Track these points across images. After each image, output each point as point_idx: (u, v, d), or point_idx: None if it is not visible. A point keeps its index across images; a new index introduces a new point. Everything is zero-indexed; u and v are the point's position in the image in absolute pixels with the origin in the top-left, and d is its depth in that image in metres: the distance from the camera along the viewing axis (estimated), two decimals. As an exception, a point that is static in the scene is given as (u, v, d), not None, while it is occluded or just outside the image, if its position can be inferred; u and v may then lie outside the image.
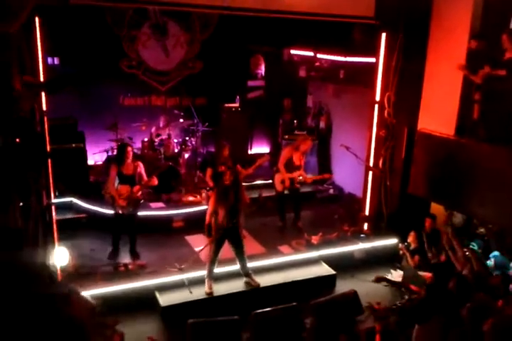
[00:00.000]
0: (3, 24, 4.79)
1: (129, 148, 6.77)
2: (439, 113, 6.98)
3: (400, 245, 7.07)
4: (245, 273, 6.36)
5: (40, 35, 6.17)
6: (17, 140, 4.66)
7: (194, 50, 10.33)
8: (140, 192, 6.82)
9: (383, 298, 6.30)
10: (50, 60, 8.82)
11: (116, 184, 6.72)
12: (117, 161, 6.80)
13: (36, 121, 5.87)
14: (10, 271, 0.85)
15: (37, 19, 6.08)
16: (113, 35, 9.50)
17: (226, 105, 10.32)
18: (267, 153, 10.51)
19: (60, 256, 6.04)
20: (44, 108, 6.20)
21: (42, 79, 6.21)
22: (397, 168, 7.48)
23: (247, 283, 6.37)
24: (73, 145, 8.39)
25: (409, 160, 7.33)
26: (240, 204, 6.09)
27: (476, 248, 6.72)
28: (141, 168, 6.78)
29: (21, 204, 5.42)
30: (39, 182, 5.84)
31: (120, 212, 6.70)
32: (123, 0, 6.65)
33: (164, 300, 5.96)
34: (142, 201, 7.02)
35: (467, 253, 5.91)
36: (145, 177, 6.78)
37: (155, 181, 6.82)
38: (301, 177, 7.95)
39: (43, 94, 6.23)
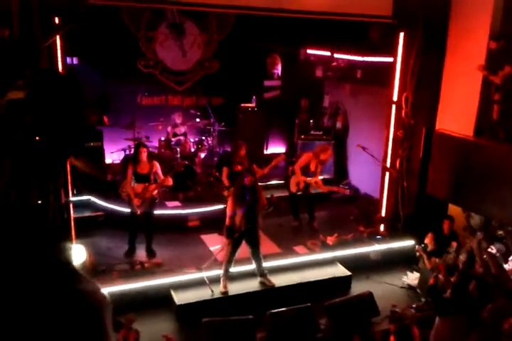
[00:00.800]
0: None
1: (143, 148, 6.82)
2: (457, 113, 6.89)
3: (417, 247, 7.00)
4: (260, 273, 6.36)
5: (60, 35, 6.25)
6: (36, 138, 4.73)
7: (211, 50, 10.38)
8: (156, 191, 6.86)
9: (399, 300, 6.26)
10: (69, 59, 8.93)
11: (132, 183, 6.78)
12: (133, 160, 6.87)
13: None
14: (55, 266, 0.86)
15: (56, 19, 6.17)
16: (130, 35, 9.59)
17: (242, 105, 10.33)
18: (283, 153, 10.50)
19: (77, 254, 6.11)
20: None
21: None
22: (415, 168, 7.41)
23: (261, 282, 6.37)
24: (91, 143, 8.49)
25: (427, 161, 7.25)
26: (257, 205, 6.08)
27: (494, 251, 6.63)
28: (157, 167, 6.83)
29: (40, 201, 5.52)
30: (58, 180, 5.92)
31: (136, 210, 6.76)
32: (140, 0, 6.70)
33: (179, 298, 6.00)
34: (158, 200, 7.06)
35: (485, 256, 5.83)
36: (161, 177, 6.83)
37: (170, 181, 6.87)
38: (315, 183, 7.93)
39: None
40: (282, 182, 9.44)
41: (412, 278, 6.80)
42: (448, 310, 4.29)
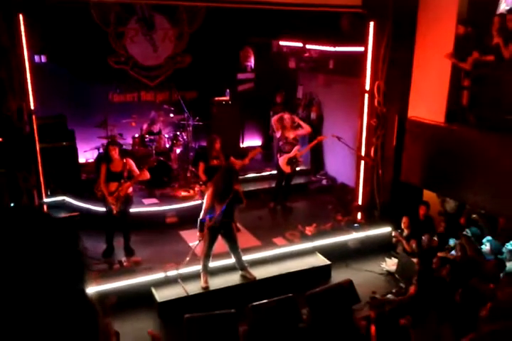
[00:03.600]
0: None
1: (113, 147, 6.74)
2: (428, 100, 6.98)
3: (394, 233, 7.11)
4: (241, 266, 6.37)
5: (25, 32, 6.12)
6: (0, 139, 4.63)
7: (182, 44, 10.27)
8: (131, 189, 6.79)
9: (378, 287, 6.34)
10: (37, 57, 8.74)
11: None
12: (105, 159, 6.79)
13: (24, 120, 5.84)
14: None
15: (21, 16, 6.03)
16: (100, 31, 9.42)
17: (216, 99, 10.28)
18: (259, 146, 10.51)
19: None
20: (32, 107, 6.17)
21: (29, 78, 6.16)
22: (389, 156, 7.49)
23: (243, 276, 6.38)
24: (64, 143, 8.34)
25: (401, 148, 7.34)
26: (235, 199, 6.04)
27: (469, 234, 6.76)
28: (130, 164, 6.75)
29: (12, 204, 5.41)
30: (29, 181, 5.81)
31: (112, 209, 6.68)
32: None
33: (161, 295, 5.97)
34: (132, 197, 6.97)
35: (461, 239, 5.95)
36: (137, 172, 6.76)
37: (146, 175, 6.81)
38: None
39: (30, 92, 6.20)
40: (262, 174, 9.54)
41: (391, 264, 6.91)
42: (419, 316, 4.29)
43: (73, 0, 6.38)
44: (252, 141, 11.30)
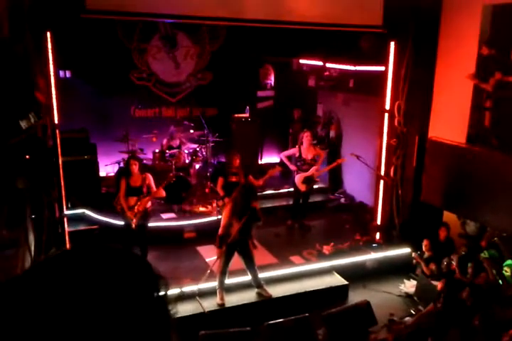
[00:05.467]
0: None
1: (133, 161, 6.78)
2: (450, 121, 6.94)
3: (414, 254, 7.00)
4: (257, 284, 6.33)
5: (52, 48, 6.27)
6: (27, 156, 4.72)
7: (204, 62, 10.43)
8: (149, 204, 6.84)
9: (396, 309, 6.24)
10: (61, 73, 8.95)
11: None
12: (125, 174, 6.85)
13: (48, 135, 5.95)
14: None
15: (48, 33, 6.18)
16: (123, 48, 9.63)
17: (236, 115, 10.36)
18: (278, 164, 10.51)
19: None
20: (56, 121, 6.29)
21: (54, 93, 6.28)
22: (409, 176, 7.43)
23: (259, 293, 6.34)
24: (85, 156, 8.47)
25: (421, 168, 7.28)
26: (253, 217, 6.04)
27: (488, 256, 6.62)
28: (149, 179, 6.80)
29: (34, 216, 5.49)
30: (52, 195, 5.90)
31: (130, 223, 6.72)
32: (133, 14, 6.74)
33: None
34: (151, 212, 7.01)
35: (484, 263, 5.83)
36: (154, 189, 6.81)
37: (162, 193, 6.84)
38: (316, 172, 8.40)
39: (55, 107, 6.33)
40: (280, 191, 9.54)
41: (409, 285, 6.79)
42: (440, 332, 4.22)
43: (102, 17, 6.52)
44: (270, 157, 11.32)
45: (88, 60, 9.06)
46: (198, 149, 9.68)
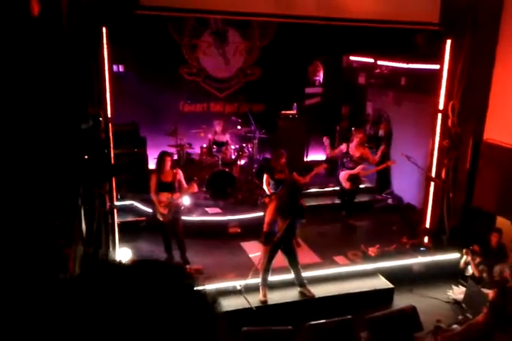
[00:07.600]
0: None
1: (167, 157, 6.78)
2: (507, 123, 6.66)
3: (464, 250, 6.72)
4: (300, 282, 6.30)
5: (107, 44, 6.41)
6: (85, 157, 4.86)
7: (253, 58, 10.43)
8: (180, 199, 6.82)
9: (443, 316, 6.05)
10: (115, 67, 9.15)
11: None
12: (157, 169, 6.85)
13: (101, 128, 6.10)
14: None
15: (104, 29, 6.33)
16: (174, 43, 9.75)
17: (283, 112, 10.30)
18: (324, 161, 10.40)
19: (123, 257, 6.22)
20: (109, 115, 6.43)
21: (108, 88, 6.43)
22: (461, 179, 7.18)
23: (301, 292, 6.30)
24: (135, 149, 8.65)
25: (474, 171, 7.03)
26: (298, 214, 6.01)
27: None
28: (180, 175, 6.79)
29: (86, 207, 5.66)
30: (103, 187, 6.06)
31: (161, 219, 6.76)
32: (185, 10, 6.79)
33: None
34: (183, 208, 7.02)
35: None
36: (184, 185, 6.82)
37: (195, 188, 6.81)
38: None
39: (108, 101, 6.48)
40: (325, 190, 9.43)
41: (458, 292, 6.58)
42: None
43: (155, 14, 6.61)
44: (316, 155, 11.22)
45: (140, 55, 9.23)
46: (244, 145, 9.70)
